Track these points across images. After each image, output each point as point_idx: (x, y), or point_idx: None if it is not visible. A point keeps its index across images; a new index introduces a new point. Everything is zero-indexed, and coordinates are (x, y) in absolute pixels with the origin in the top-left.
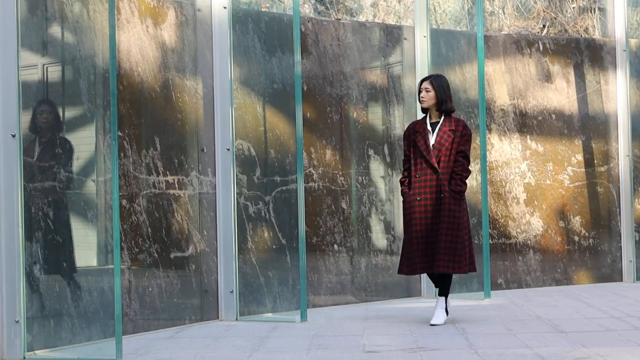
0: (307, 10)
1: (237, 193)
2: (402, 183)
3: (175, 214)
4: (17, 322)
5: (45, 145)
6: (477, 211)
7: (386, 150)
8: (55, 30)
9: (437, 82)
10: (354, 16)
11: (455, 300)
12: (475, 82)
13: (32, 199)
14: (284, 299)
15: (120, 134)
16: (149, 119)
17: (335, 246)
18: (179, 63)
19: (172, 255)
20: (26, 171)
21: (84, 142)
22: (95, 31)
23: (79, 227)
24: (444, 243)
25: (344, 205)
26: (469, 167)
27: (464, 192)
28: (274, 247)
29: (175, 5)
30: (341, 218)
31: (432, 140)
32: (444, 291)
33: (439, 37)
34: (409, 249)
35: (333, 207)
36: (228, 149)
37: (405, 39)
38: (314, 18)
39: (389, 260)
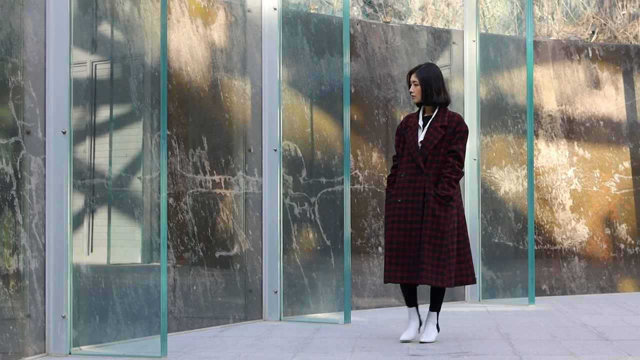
0: (355, 12)
1: (283, 194)
2: (387, 182)
3: (221, 214)
4: (63, 317)
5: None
6: (522, 217)
7: None
8: (105, 28)
9: (423, 73)
10: (402, 19)
11: (499, 306)
12: (523, 88)
13: (81, 196)
14: (328, 300)
15: (168, 132)
16: (197, 119)
17: (380, 249)
18: (228, 63)
19: (217, 254)
20: (75, 167)
21: (131, 140)
22: (145, 30)
23: (125, 224)
24: (427, 252)
25: None
26: (462, 169)
27: (452, 196)
28: (319, 248)
29: (225, 5)
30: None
31: (420, 136)
32: (435, 306)
33: (487, 42)
34: (386, 255)
35: (378, 209)
36: (275, 150)
37: (454, 43)
38: (363, 21)
39: None
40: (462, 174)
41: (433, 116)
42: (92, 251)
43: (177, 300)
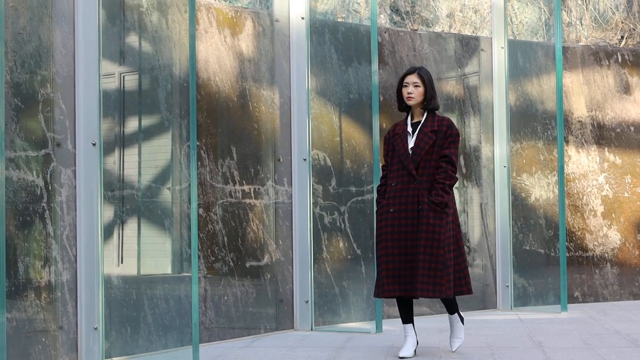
0: (383, 20)
1: (312, 203)
2: (378, 192)
3: (251, 223)
4: (95, 329)
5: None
6: (553, 224)
7: (462, 162)
8: (133, 39)
9: (426, 75)
10: (430, 27)
11: (531, 314)
12: (552, 94)
13: (111, 207)
14: (359, 309)
15: (197, 143)
16: (226, 129)
17: None
18: (256, 73)
19: (247, 264)
20: (105, 179)
21: (160, 151)
22: (173, 41)
23: (155, 235)
24: (422, 263)
25: None
26: (455, 174)
27: (446, 203)
28: (349, 257)
29: (252, 15)
30: None
31: (410, 143)
32: (452, 310)
33: (516, 48)
34: (379, 268)
35: None
36: (304, 159)
37: (482, 50)
38: (391, 29)
39: None
40: (456, 179)
41: (422, 121)
42: (122, 262)
43: (208, 310)
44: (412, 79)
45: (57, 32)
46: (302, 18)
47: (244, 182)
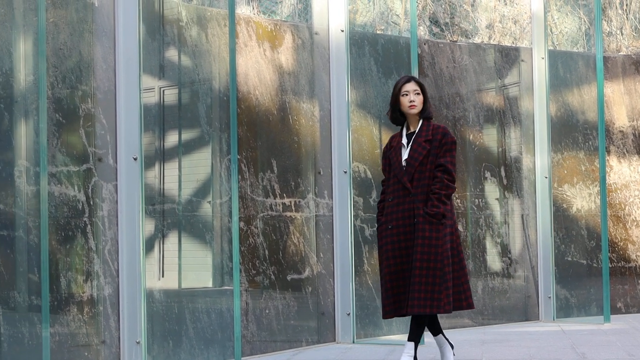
0: (422, 32)
1: (353, 215)
2: (378, 208)
3: (292, 236)
4: (137, 343)
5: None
6: (595, 234)
7: (503, 173)
8: (172, 53)
9: (421, 83)
10: (469, 38)
11: (574, 325)
12: (593, 104)
13: (152, 221)
14: (400, 321)
15: (238, 156)
16: (266, 142)
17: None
18: (296, 86)
19: (288, 277)
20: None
21: (200, 165)
22: (212, 54)
23: (196, 249)
24: (418, 278)
25: (460, 228)
26: (452, 183)
27: (443, 214)
28: None
29: (292, 28)
30: None
31: (404, 155)
32: (415, 336)
33: (556, 59)
34: (383, 288)
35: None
36: (345, 172)
37: (522, 60)
38: (430, 40)
39: (506, 283)
40: (454, 189)
41: (416, 131)
42: (163, 276)
43: (250, 324)
44: (412, 86)
45: (98, 47)
46: (342, 31)
47: (284, 195)
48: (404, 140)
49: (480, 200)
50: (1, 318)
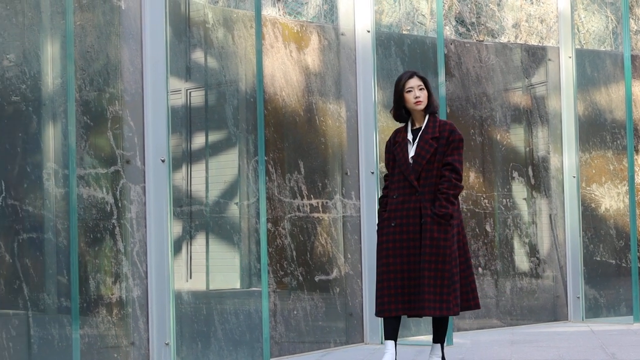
0: (448, 32)
1: None
2: (379, 204)
3: (319, 237)
4: (166, 344)
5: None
6: (624, 234)
7: (530, 172)
8: (198, 55)
9: (424, 78)
10: (496, 37)
11: (603, 325)
12: (621, 103)
13: (179, 223)
14: (428, 322)
15: (265, 157)
16: (293, 143)
17: (480, 269)
18: (322, 87)
19: (316, 279)
20: (174, 195)
21: (227, 166)
22: (239, 56)
23: (223, 250)
24: (428, 280)
25: (487, 228)
26: (460, 182)
27: (451, 214)
28: None
29: (318, 29)
30: (485, 241)
31: (411, 152)
32: (438, 337)
33: (583, 58)
34: (379, 286)
35: (477, 229)
36: (372, 172)
37: (549, 59)
38: (456, 40)
39: (534, 283)
40: (461, 188)
41: (423, 127)
42: (190, 277)
43: (278, 325)
44: (416, 82)
45: (125, 49)
46: (368, 31)
47: (311, 196)
48: (410, 137)
49: (507, 200)
50: (31, 320)
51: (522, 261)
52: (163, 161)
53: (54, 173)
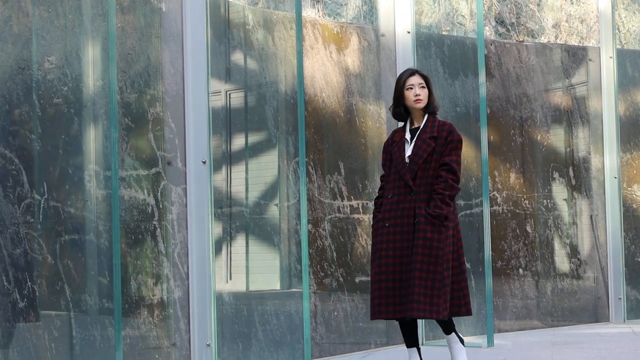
0: (488, 32)
1: None
2: (374, 205)
3: (359, 238)
4: (208, 345)
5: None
6: None
7: (571, 173)
8: (238, 57)
9: (426, 76)
10: (536, 38)
11: None
12: None
13: (219, 224)
14: (469, 323)
15: (305, 159)
16: (333, 144)
17: (520, 270)
18: (362, 88)
19: (356, 279)
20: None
21: (267, 167)
22: (279, 57)
23: (264, 251)
24: (418, 281)
25: (528, 229)
26: (457, 184)
27: (446, 216)
28: None
29: (358, 30)
30: (526, 242)
31: (408, 151)
32: (448, 329)
33: (624, 57)
34: (372, 287)
35: (517, 230)
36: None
37: (590, 60)
38: (496, 40)
39: (575, 284)
40: (458, 189)
41: (421, 127)
42: (230, 279)
43: (319, 326)
44: (417, 80)
45: (166, 51)
46: (408, 32)
47: (352, 197)
48: (408, 136)
49: (548, 201)
50: (73, 321)
51: (562, 262)
52: (204, 162)
53: (95, 175)
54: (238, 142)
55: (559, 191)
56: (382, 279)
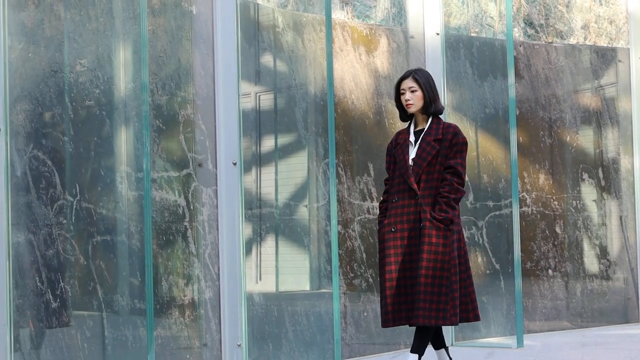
0: (517, 34)
1: None
2: (379, 209)
3: None
4: (238, 345)
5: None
6: None
7: (600, 174)
8: (267, 59)
9: (422, 77)
10: (565, 39)
11: None
12: None
13: (249, 225)
14: (499, 324)
15: (335, 160)
16: (363, 146)
17: (550, 271)
18: (391, 89)
19: None
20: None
21: (297, 169)
22: (308, 59)
23: (293, 252)
24: (424, 287)
25: (558, 230)
26: (462, 187)
27: (451, 219)
28: (488, 272)
29: (387, 32)
30: (555, 243)
31: (412, 153)
32: (440, 343)
33: None
34: (382, 295)
35: (547, 231)
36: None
37: (619, 61)
38: (525, 42)
39: (605, 285)
40: (463, 192)
41: (425, 129)
42: (260, 279)
43: (348, 326)
44: (408, 83)
45: (196, 54)
46: (437, 34)
47: (381, 198)
48: (412, 138)
49: (577, 202)
50: (105, 321)
51: (592, 263)
52: (235, 164)
53: (127, 176)
54: (268, 143)
55: (589, 192)
56: (393, 285)
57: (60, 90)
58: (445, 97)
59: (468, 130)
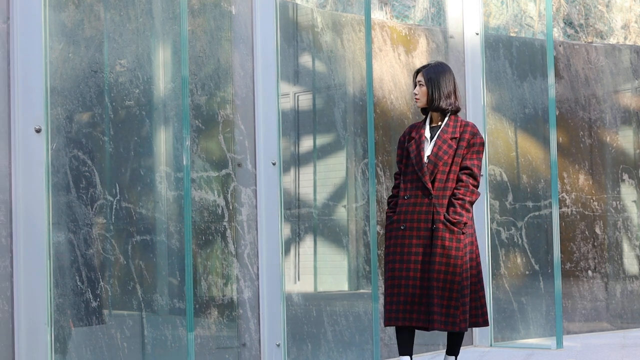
0: (556, 34)
1: (489, 218)
2: (388, 204)
3: None
4: (278, 345)
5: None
6: None
7: None
8: (306, 59)
9: (431, 73)
10: (604, 39)
11: None
12: None
13: (288, 225)
14: (538, 325)
15: (374, 160)
16: None
17: (590, 272)
18: None
19: None
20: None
21: (335, 169)
22: (347, 59)
23: (332, 252)
24: (437, 291)
25: (597, 231)
26: (477, 188)
27: (465, 222)
28: (527, 272)
29: (426, 32)
30: (595, 244)
31: (427, 150)
32: (452, 349)
33: None
34: (387, 292)
35: (587, 232)
36: (481, 175)
37: None
38: (565, 42)
39: None
40: (478, 195)
41: (442, 126)
42: (299, 279)
43: (387, 327)
44: (418, 77)
45: (236, 54)
46: (477, 34)
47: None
48: (428, 134)
49: (617, 202)
50: (145, 320)
51: (632, 264)
52: (274, 164)
53: (166, 176)
54: (306, 144)
55: (628, 193)
56: (401, 283)
57: (100, 90)
58: (484, 97)
59: (507, 131)
